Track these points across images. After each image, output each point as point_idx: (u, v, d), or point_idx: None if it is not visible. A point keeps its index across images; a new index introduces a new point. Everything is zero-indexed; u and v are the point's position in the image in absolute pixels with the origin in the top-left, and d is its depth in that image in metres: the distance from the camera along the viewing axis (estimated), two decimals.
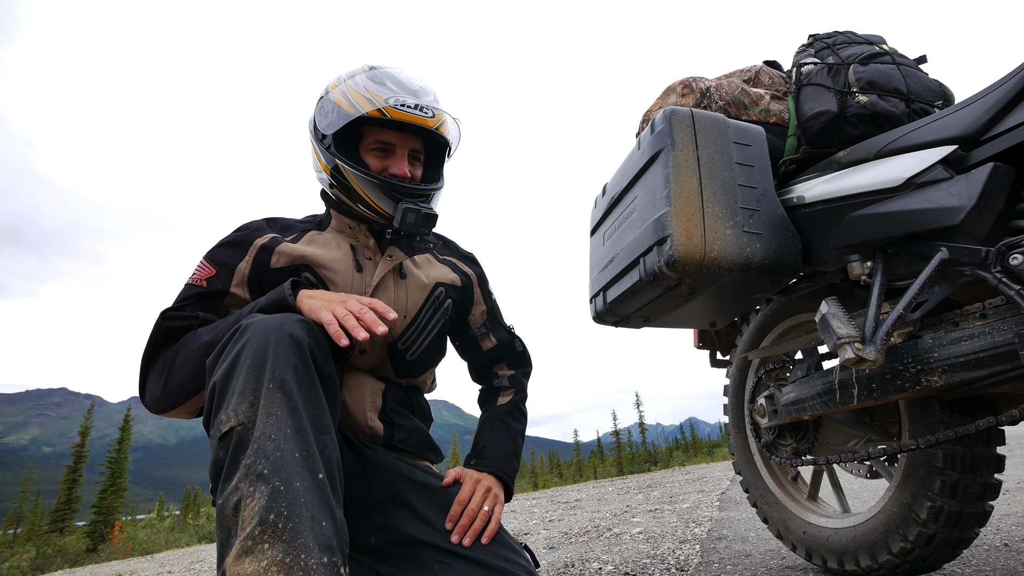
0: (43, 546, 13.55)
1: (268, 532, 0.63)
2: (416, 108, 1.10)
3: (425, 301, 1.19)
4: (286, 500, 0.66)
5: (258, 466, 0.68)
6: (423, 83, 1.16)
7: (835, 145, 1.27)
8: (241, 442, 0.70)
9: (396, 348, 1.15)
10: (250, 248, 1.10)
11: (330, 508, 0.71)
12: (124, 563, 7.17)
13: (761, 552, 1.87)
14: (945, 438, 0.97)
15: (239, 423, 0.71)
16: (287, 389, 0.74)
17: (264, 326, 0.79)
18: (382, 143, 1.14)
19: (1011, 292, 0.81)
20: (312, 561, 0.63)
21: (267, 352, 0.76)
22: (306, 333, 0.82)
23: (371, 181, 1.11)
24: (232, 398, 0.73)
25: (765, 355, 1.50)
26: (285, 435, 0.70)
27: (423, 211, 1.12)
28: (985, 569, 1.40)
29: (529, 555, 1.02)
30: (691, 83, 1.41)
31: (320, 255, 1.12)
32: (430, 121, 1.12)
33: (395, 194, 1.12)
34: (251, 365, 0.75)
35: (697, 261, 1.05)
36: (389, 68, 1.16)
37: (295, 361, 0.77)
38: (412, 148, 1.17)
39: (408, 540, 0.95)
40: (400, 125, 1.12)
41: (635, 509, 3.71)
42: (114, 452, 17.89)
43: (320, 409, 0.78)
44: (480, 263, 1.39)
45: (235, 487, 0.68)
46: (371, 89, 1.10)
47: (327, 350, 0.85)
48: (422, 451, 1.14)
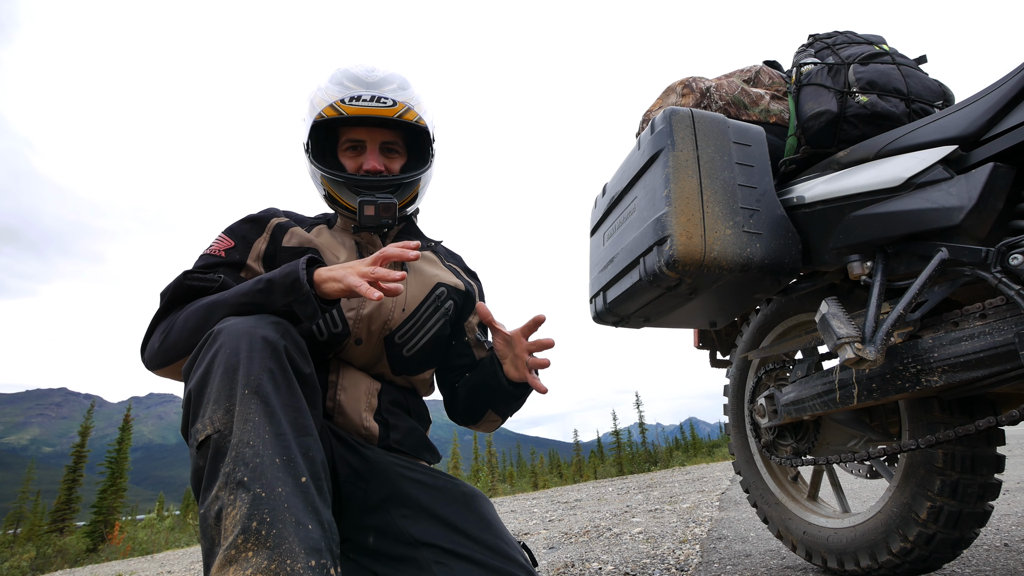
0: (43, 546, 13.55)
1: (251, 540, 0.63)
2: (372, 100, 1.10)
3: (426, 298, 1.19)
4: (268, 506, 0.65)
5: (237, 473, 0.67)
6: (385, 73, 1.15)
7: (835, 145, 1.27)
8: (219, 450, 0.70)
9: (393, 341, 1.15)
10: (268, 225, 1.15)
11: (316, 510, 0.70)
12: (124, 563, 7.17)
13: (761, 552, 1.87)
14: (945, 438, 0.96)
15: (215, 431, 0.70)
16: (263, 394, 0.73)
17: (236, 330, 0.79)
18: (352, 141, 1.16)
19: (1011, 292, 0.81)
20: (299, 566, 0.62)
21: (239, 357, 0.75)
22: (281, 335, 0.81)
23: (336, 180, 1.13)
24: (208, 406, 0.72)
25: (765, 355, 1.50)
26: (264, 441, 0.70)
27: (379, 201, 1.10)
28: (985, 569, 1.40)
29: (528, 555, 1.02)
30: (691, 83, 1.41)
31: (326, 245, 1.16)
32: (388, 111, 1.11)
33: (358, 189, 1.13)
34: (224, 371, 0.74)
35: (697, 261, 1.05)
36: (351, 67, 1.15)
37: (271, 365, 0.76)
38: (384, 141, 1.17)
39: (406, 540, 0.95)
40: (359, 120, 1.12)
41: (635, 509, 3.71)
42: (114, 452, 17.88)
43: (300, 411, 0.77)
44: (481, 283, 1.39)
45: (216, 496, 0.67)
46: (330, 92, 1.11)
47: (304, 350, 0.85)
48: (418, 451, 1.14)
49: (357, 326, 1.11)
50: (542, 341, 1.09)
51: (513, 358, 1.12)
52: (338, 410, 1.08)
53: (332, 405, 1.08)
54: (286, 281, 0.87)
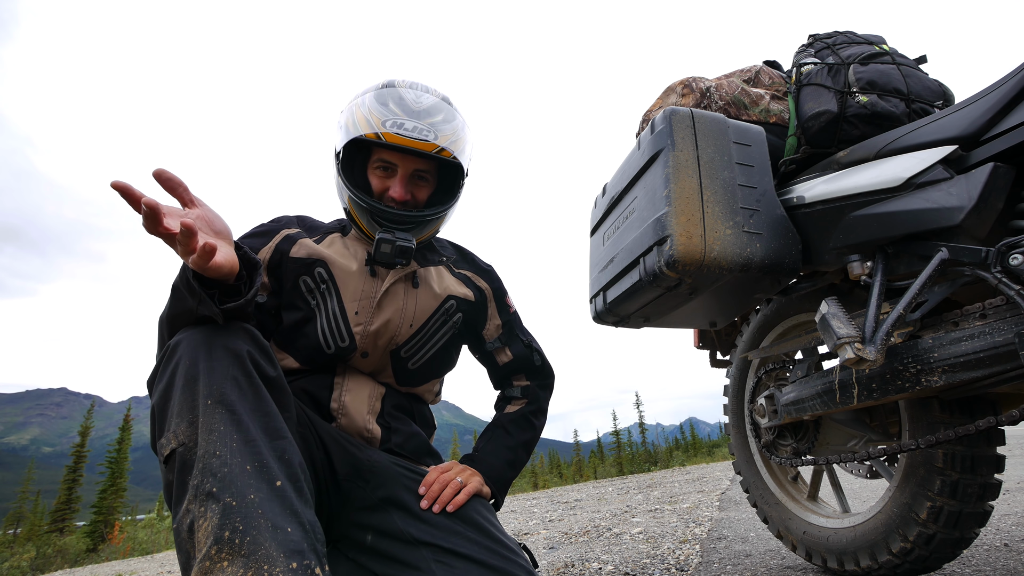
0: (43, 546, 13.55)
1: (225, 550, 0.62)
2: (415, 131, 1.08)
3: (435, 312, 1.19)
4: (240, 515, 0.65)
5: (206, 485, 0.66)
6: (433, 102, 1.13)
7: (835, 145, 1.27)
8: (185, 463, 0.69)
9: (399, 355, 1.16)
10: (275, 237, 1.16)
11: (295, 513, 0.69)
12: (124, 563, 7.17)
13: (761, 552, 1.87)
14: (945, 438, 0.96)
15: (180, 444, 0.70)
16: (228, 403, 0.73)
17: (194, 341, 0.78)
18: (384, 162, 1.13)
19: (1011, 292, 0.81)
20: (277, 570, 0.62)
21: (199, 368, 0.74)
22: (243, 341, 0.80)
23: (360, 205, 1.11)
24: (171, 420, 0.72)
25: (765, 355, 1.50)
26: (231, 449, 0.69)
27: (398, 243, 1.08)
28: (985, 569, 1.40)
29: (528, 555, 1.02)
30: (691, 83, 1.41)
31: (336, 258, 1.15)
32: (428, 145, 1.09)
33: (379, 220, 1.11)
34: (185, 383, 0.73)
35: (697, 261, 1.05)
36: (400, 87, 1.13)
37: (234, 372, 0.76)
38: (417, 168, 1.14)
39: (406, 539, 0.95)
40: (397, 148, 1.10)
41: (635, 509, 3.71)
42: (114, 452, 17.88)
43: (270, 415, 0.77)
44: (498, 277, 1.36)
45: (186, 509, 0.67)
46: (373, 110, 1.09)
47: (269, 353, 0.84)
48: (419, 456, 1.14)
49: (364, 341, 1.12)
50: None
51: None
52: (342, 411, 1.09)
53: (336, 407, 1.09)
54: (183, 282, 0.80)
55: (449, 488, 1.01)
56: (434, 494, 1.00)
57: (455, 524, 0.97)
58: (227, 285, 0.82)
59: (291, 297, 1.13)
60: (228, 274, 0.78)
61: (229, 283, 0.82)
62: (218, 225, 0.80)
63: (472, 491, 1.03)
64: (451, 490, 1.01)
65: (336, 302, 1.12)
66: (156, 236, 0.71)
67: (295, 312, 1.12)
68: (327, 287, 1.13)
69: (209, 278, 0.78)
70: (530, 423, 1.26)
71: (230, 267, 0.78)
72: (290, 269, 1.13)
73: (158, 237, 0.72)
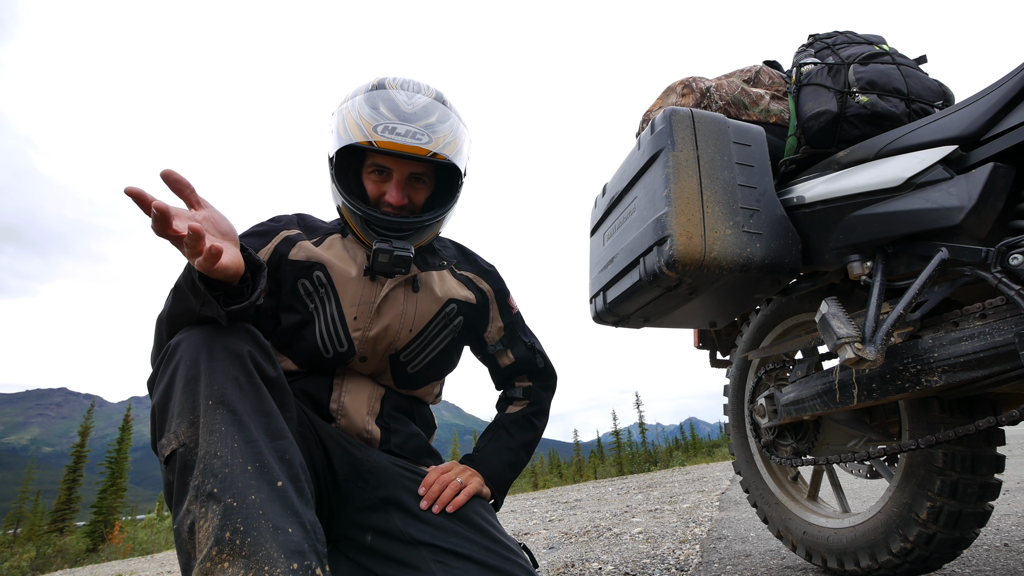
0: (43, 546, 13.55)
1: (226, 551, 0.62)
2: (408, 135, 1.04)
3: (435, 316, 1.18)
4: (241, 515, 0.65)
5: (207, 485, 0.66)
6: (426, 103, 1.09)
7: (835, 145, 1.27)
8: (186, 464, 0.69)
9: (398, 360, 1.16)
10: (274, 237, 1.14)
11: (296, 513, 0.69)
12: (124, 563, 7.17)
13: (761, 552, 1.87)
14: (945, 438, 0.96)
15: (180, 444, 0.70)
16: (229, 403, 0.72)
17: (195, 341, 0.77)
18: (378, 167, 1.10)
19: (1011, 292, 0.81)
20: (278, 571, 0.62)
21: (200, 368, 0.74)
22: (244, 341, 0.80)
23: (356, 213, 1.08)
24: (172, 420, 0.72)
25: (765, 355, 1.50)
26: (232, 450, 0.69)
27: (395, 252, 1.05)
28: (985, 569, 1.40)
29: (528, 555, 1.02)
30: (691, 83, 1.41)
31: (335, 261, 1.13)
32: (422, 149, 1.05)
33: (375, 228, 1.08)
34: (186, 383, 0.73)
35: (697, 261, 1.05)
36: (391, 87, 1.09)
37: (235, 372, 0.76)
38: (412, 172, 1.12)
39: (405, 539, 0.95)
40: (391, 154, 1.07)
41: (635, 509, 3.71)
42: (114, 452, 17.89)
43: (271, 416, 0.76)
44: (501, 278, 1.34)
45: (187, 510, 0.66)
46: (364, 115, 1.05)
47: (270, 353, 0.84)
48: (419, 456, 1.14)
49: (363, 346, 1.11)
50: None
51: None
52: (341, 412, 1.09)
53: (336, 408, 1.09)
54: (187, 283, 0.81)
55: (449, 489, 1.01)
56: (434, 494, 0.99)
57: (455, 524, 0.97)
58: (231, 287, 0.82)
59: (289, 300, 1.12)
60: (233, 276, 0.79)
61: (233, 285, 0.82)
62: (224, 227, 0.81)
63: (472, 492, 1.03)
64: (451, 491, 1.01)
65: (335, 307, 1.11)
66: (164, 238, 0.72)
67: (293, 315, 1.11)
68: (326, 291, 1.12)
69: (214, 279, 0.79)
70: (531, 424, 1.26)
71: (235, 269, 0.78)
72: (288, 271, 1.11)
73: (166, 239, 0.72)
